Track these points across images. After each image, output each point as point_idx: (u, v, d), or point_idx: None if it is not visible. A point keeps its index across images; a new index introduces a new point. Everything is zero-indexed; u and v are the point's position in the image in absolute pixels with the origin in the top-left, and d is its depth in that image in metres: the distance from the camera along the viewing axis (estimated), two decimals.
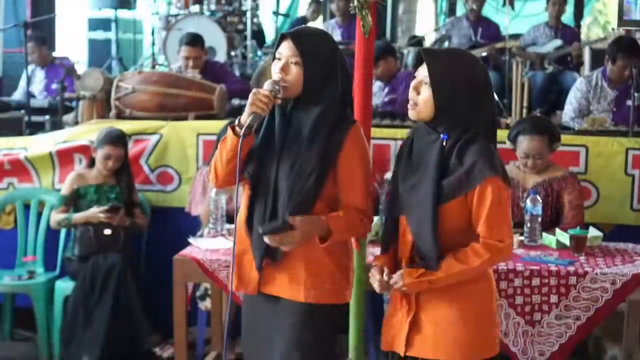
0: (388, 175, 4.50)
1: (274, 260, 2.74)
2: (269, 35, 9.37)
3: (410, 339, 2.64)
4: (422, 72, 2.58)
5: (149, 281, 4.84)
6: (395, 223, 2.71)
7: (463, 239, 2.59)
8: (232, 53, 8.19)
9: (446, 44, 8.05)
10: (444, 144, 2.55)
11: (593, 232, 3.86)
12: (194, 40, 5.90)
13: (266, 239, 2.66)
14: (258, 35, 8.88)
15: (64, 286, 4.68)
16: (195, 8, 8.39)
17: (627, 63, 5.22)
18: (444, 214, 2.54)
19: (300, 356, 2.74)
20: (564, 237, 3.74)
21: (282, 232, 2.63)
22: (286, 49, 2.69)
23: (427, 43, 8.48)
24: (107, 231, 4.61)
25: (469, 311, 2.61)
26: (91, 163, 4.82)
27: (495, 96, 7.02)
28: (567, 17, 9.02)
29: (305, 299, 2.73)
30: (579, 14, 9.44)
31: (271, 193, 2.71)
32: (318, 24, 8.04)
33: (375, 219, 4.03)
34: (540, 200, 3.82)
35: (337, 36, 7.59)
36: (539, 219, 3.81)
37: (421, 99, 2.57)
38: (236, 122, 2.70)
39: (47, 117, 6.01)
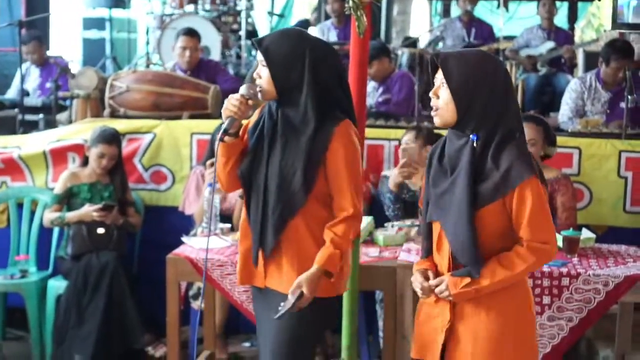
0: (386, 173, 4.51)
1: (267, 254, 2.82)
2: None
3: (447, 350, 2.58)
4: (439, 77, 2.55)
5: (142, 280, 4.84)
6: (430, 229, 2.67)
7: (503, 244, 2.53)
8: (227, 53, 8.19)
9: (440, 45, 8.07)
10: (475, 144, 2.49)
11: (586, 233, 3.87)
12: (192, 32, 5.92)
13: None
14: (252, 35, 8.88)
15: (57, 285, 4.67)
16: (189, 7, 8.39)
17: (620, 65, 5.24)
18: (482, 218, 2.49)
19: (289, 346, 2.81)
20: (557, 238, 3.74)
21: (296, 306, 2.71)
22: (258, 54, 2.78)
23: (421, 44, 8.49)
24: (101, 230, 4.60)
25: (508, 323, 2.54)
26: (85, 162, 4.81)
27: None
28: (561, 20, 9.04)
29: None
30: (572, 17, 9.46)
31: (262, 191, 2.79)
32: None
33: (368, 219, 4.04)
34: None
35: (332, 37, 7.59)
36: None
37: (441, 101, 2.53)
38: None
39: (41, 115, 5.99)
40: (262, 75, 2.77)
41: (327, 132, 2.74)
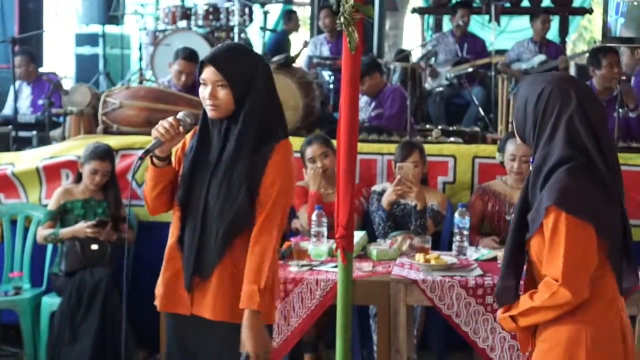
0: (376, 188, 4.52)
1: (203, 279, 2.76)
2: (257, 50, 9.40)
3: None
4: None
5: (136, 296, 4.83)
6: None
7: None
8: None
9: (432, 60, 8.11)
10: (530, 169, 2.44)
11: None
12: (192, 56, 5.91)
13: None
14: None
15: (51, 302, 4.66)
16: (182, 23, 8.43)
17: (612, 59, 5.28)
18: (531, 248, 2.44)
19: None
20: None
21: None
22: (211, 73, 2.71)
23: (414, 58, 8.53)
24: (94, 246, 4.60)
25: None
26: (78, 178, 4.81)
27: (481, 111, 7.07)
28: (552, 33, 9.10)
29: (232, 319, 2.72)
30: (564, 30, 9.51)
31: (201, 213, 2.75)
32: (299, 35, 8.13)
33: (360, 233, 4.04)
34: None
35: (325, 51, 7.63)
36: None
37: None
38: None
39: (34, 132, 6.01)
40: (220, 95, 2.70)
41: (268, 149, 2.71)
